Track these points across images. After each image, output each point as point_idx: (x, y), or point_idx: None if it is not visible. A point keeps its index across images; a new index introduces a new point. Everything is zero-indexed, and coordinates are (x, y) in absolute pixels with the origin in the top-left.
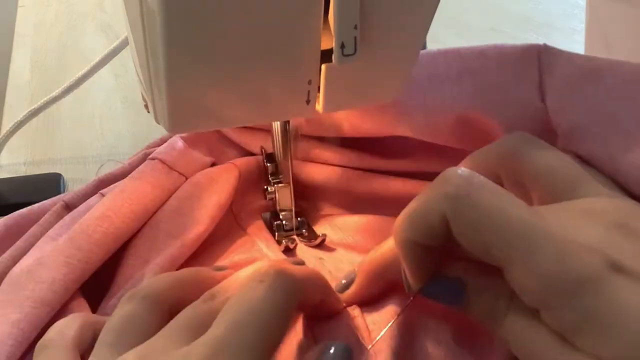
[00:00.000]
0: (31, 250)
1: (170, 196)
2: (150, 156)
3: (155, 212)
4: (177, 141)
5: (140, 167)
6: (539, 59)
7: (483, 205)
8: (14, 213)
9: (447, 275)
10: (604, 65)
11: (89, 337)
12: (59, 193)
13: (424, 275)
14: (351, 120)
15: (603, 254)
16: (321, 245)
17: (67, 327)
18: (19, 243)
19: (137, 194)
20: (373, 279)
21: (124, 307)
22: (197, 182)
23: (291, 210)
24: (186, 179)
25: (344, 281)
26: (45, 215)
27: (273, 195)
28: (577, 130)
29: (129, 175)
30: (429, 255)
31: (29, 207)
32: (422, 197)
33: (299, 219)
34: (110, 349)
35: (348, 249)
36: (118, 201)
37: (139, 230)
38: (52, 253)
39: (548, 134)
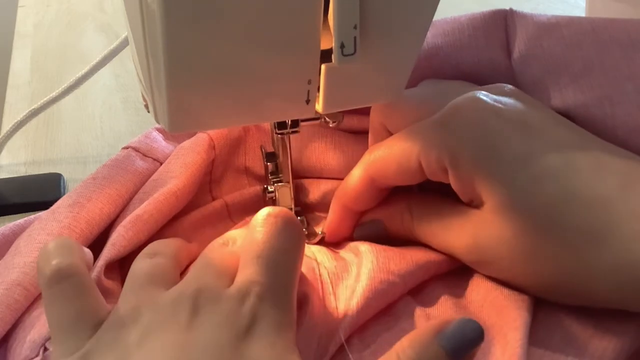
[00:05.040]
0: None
1: (146, 181)
2: (124, 146)
3: (132, 197)
4: (152, 132)
5: (113, 157)
6: (506, 21)
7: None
8: (10, 224)
9: (364, 221)
10: (562, 20)
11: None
12: (59, 193)
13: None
14: None
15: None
16: (321, 244)
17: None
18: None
19: (109, 179)
20: (348, 211)
21: (147, 259)
22: (169, 156)
23: (291, 209)
24: (161, 165)
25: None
26: None
27: (273, 195)
28: (537, 85)
29: (103, 164)
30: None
31: (25, 218)
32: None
33: (298, 217)
34: (142, 289)
35: None
36: (89, 187)
37: (117, 217)
38: (26, 242)
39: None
